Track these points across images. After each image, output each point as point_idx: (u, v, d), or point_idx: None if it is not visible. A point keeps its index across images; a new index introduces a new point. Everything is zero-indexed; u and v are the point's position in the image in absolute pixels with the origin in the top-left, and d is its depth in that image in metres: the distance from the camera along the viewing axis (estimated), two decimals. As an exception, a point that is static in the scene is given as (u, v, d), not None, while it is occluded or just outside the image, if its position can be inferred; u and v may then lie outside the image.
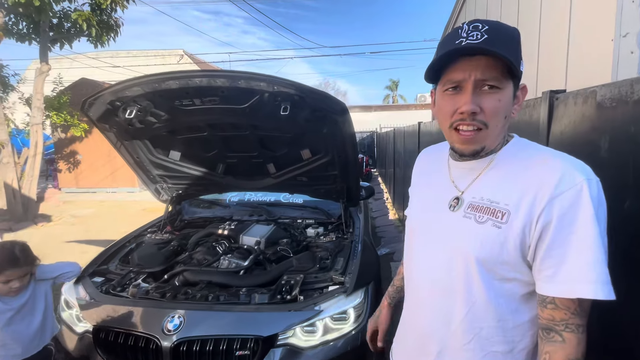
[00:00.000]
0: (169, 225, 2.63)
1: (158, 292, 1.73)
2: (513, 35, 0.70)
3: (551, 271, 0.65)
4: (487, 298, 0.72)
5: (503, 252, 0.69)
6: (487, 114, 0.70)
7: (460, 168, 0.81)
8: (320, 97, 1.76)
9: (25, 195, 6.55)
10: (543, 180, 0.66)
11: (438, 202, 0.82)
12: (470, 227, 0.73)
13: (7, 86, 7.60)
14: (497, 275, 0.71)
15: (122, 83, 1.81)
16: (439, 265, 0.79)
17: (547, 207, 0.65)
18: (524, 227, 0.67)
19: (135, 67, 15.03)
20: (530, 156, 0.72)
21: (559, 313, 0.65)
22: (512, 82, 0.70)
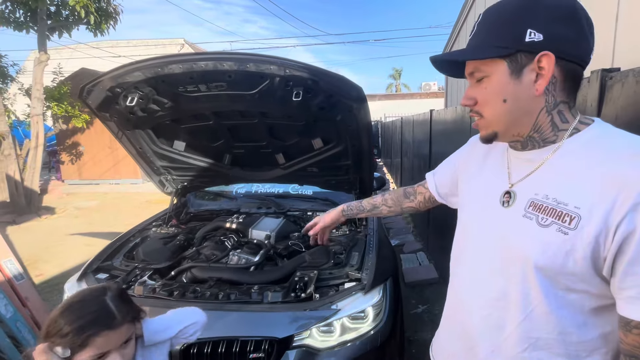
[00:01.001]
0: (174, 219, 2.53)
1: (165, 290, 1.63)
2: (501, 11, 0.64)
3: (636, 290, 0.55)
4: (547, 308, 0.64)
5: (568, 262, 0.60)
6: (479, 104, 0.69)
7: (518, 158, 0.72)
8: (335, 81, 1.64)
9: (27, 187, 6.49)
10: (626, 180, 0.54)
11: (490, 195, 0.75)
12: (530, 229, 0.64)
13: (7, 77, 7.47)
14: (560, 284, 0.62)
15: (122, 67, 1.68)
16: (491, 266, 0.72)
17: (631, 214, 0.53)
18: (598, 236, 0.56)
19: (136, 57, 14.80)
20: (612, 147, 0.60)
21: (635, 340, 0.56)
22: (504, 60, 0.64)
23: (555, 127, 0.65)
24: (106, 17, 6.76)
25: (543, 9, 0.61)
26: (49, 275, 3.80)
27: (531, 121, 0.66)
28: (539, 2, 0.61)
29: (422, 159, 4.25)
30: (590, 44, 0.63)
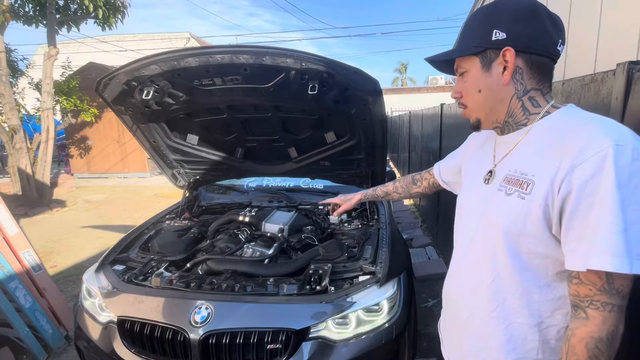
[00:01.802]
0: (187, 212, 2.56)
1: (182, 281, 1.66)
2: (479, 14, 0.75)
3: (573, 245, 0.62)
4: (512, 270, 0.72)
5: (527, 223, 0.68)
6: (463, 96, 0.81)
7: (500, 142, 0.82)
8: (350, 74, 1.63)
9: (39, 180, 6.58)
10: (567, 148, 0.63)
11: (478, 176, 0.86)
12: (499, 199, 0.75)
13: (17, 71, 7.54)
14: (523, 248, 0.70)
15: (138, 61, 1.69)
16: (471, 236, 0.83)
17: (568, 176, 0.61)
18: (546, 197, 0.65)
19: (143, 51, 14.84)
20: (567, 125, 0.68)
21: (583, 289, 0.63)
22: (476, 57, 0.75)
23: (526, 111, 0.75)
24: (114, 11, 6.77)
25: (506, 12, 0.71)
26: (62, 266, 3.86)
27: (505, 107, 0.76)
28: (504, 6, 0.72)
29: (432, 153, 4.22)
30: (553, 37, 0.70)
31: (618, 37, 2.72)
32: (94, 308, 1.72)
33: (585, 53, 1.75)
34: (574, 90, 1.34)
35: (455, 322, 0.89)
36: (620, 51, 2.72)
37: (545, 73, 0.73)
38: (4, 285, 2.12)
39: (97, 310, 1.70)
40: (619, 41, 2.73)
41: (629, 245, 0.56)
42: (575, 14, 2.37)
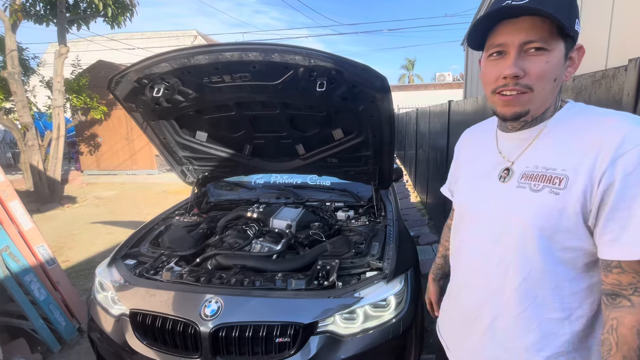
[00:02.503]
0: (195, 208, 2.59)
1: (192, 276, 1.69)
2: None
3: (615, 234, 0.62)
4: (544, 266, 0.70)
5: (562, 219, 0.67)
6: (533, 77, 0.67)
7: (511, 139, 0.79)
8: (359, 71, 1.63)
9: (50, 177, 6.69)
10: (604, 140, 0.63)
11: (487, 176, 0.81)
12: (525, 196, 0.72)
13: (28, 69, 7.66)
14: (557, 244, 0.69)
15: (149, 59, 1.71)
16: (490, 237, 0.78)
17: (610, 168, 0.61)
18: (585, 191, 0.64)
19: (151, 49, 14.96)
20: (588, 118, 0.69)
21: (626, 277, 0.63)
22: (563, 42, 0.66)
23: (555, 105, 0.74)
24: (123, 10, 6.84)
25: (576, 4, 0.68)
26: (74, 261, 3.94)
27: (550, 103, 0.72)
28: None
29: (439, 150, 4.21)
30: None
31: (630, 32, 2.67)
32: (106, 301, 1.76)
33: (596, 49, 1.73)
34: (584, 87, 1.33)
35: (472, 327, 0.85)
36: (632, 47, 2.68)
37: None
38: (20, 278, 2.18)
39: (109, 303, 1.74)
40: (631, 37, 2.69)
41: None
42: (587, 9, 2.33)
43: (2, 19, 5.94)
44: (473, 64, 9.59)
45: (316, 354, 1.44)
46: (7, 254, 2.12)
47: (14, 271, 2.16)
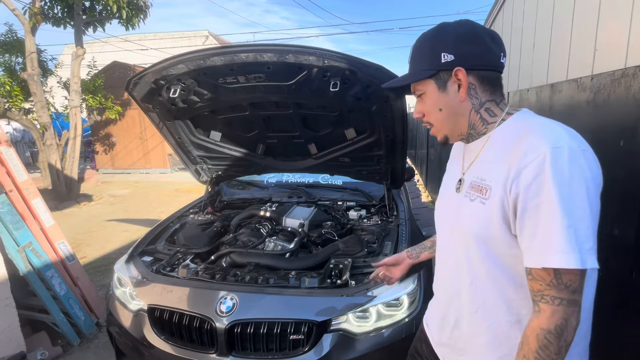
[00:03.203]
0: (209, 206, 2.63)
1: (208, 273, 1.72)
2: (425, 40, 0.80)
3: (526, 242, 0.67)
4: (487, 271, 0.76)
5: (490, 227, 0.72)
6: (426, 116, 0.85)
7: (468, 150, 0.87)
8: (372, 71, 1.63)
9: (68, 175, 6.87)
10: (516, 154, 0.69)
11: (450, 186, 0.90)
12: (467, 205, 0.79)
13: (46, 71, 7.87)
14: (493, 250, 0.74)
15: (166, 61, 1.75)
16: (448, 243, 0.89)
17: (516, 180, 0.67)
18: (502, 202, 0.70)
19: (163, 49, 15.19)
20: (516, 132, 0.74)
21: (535, 284, 0.67)
22: (432, 80, 0.79)
23: (485, 122, 0.80)
24: (137, 11, 6.96)
25: (450, 36, 0.77)
26: (91, 257, 4.05)
27: (466, 121, 0.81)
28: (447, 31, 0.78)
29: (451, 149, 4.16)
30: (495, 52, 0.77)
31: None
32: (125, 296, 1.81)
33: (615, 47, 1.70)
34: (603, 86, 1.31)
35: (444, 323, 0.93)
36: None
37: (495, 85, 0.79)
38: (42, 273, 2.26)
39: (127, 298, 1.79)
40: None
41: (578, 241, 0.61)
42: (605, 7, 2.25)
43: (22, 22, 6.12)
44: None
45: (329, 352, 1.45)
46: (30, 249, 2.20)
47: (36, 267, 2.24)
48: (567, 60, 2.37)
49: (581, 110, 1.46)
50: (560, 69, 2.53)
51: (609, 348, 1.29)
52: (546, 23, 2.99)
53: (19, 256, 2.16)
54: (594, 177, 0.64)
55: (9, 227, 2.12)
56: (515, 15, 5.49)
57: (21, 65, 7.46)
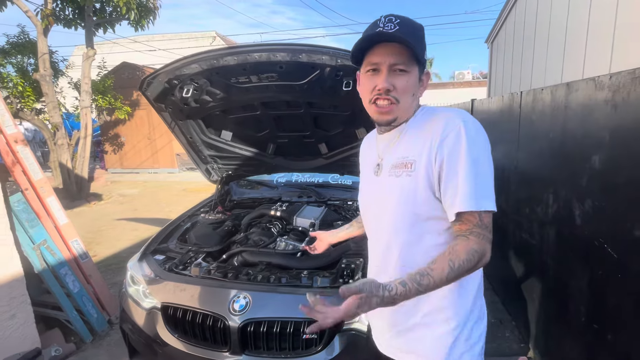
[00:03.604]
0: (219, 206, 2.65)
1: (220, 272, 1.73)
2: (420, 29, 0.87)
3: (451, 196, 0.80)
4: (414, 238, 0.88)
5: (417, 194, 0.85)
6: (399, 91, 0.86)
7: (383, 140, 0.97)
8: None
9: (78, 175, 6.96)
10: (434, 130, 0.83)
11: (369, 173, 1.01)
12: (392, 182, 0.90)
13: (58, 71, 7.99)
14: (419, 216, 0.86)
15: (179, 61, 1.77)
16: (376, 224, 0.99)
17: (439, 149, 0.81)
18: (427, 169, 0.83)
19: (171, 50, 15.33)
20: (429, 117, 0.89)
21: (463, 226, 0.80)
22: (417, 67, 0.86)
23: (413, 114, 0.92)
24: (146, 13, 7.03)
25: (424, 36, 0.88)
26: (102, 256, 4.10)
27: (410, 113, 0.91)
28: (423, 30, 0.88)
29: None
30: None
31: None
32: (138, 294, 1.83)
33: (633, 45, 1.67)
34: (622, 84, 1.29)
35: None
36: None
37: None
38: (56, 271, 2.29)
39: (141, 296, 1.81)
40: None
41: (490, 190, 0.80)
42: (624, 5, 2.23)
43: (34, 23, 6.21)
44: (497, 62, 9.35)
45: (341, 352, 1.45)
46: (45, 247, 2.23)
47: (50, 264, 2.27)
48: (582, 59, 2.34)
49: (599, 109, 1.43)
50: (575, 68, 2.50)
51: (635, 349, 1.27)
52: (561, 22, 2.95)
53: (34, 254, 2.19)
54: (489, 144, 0.83)
55: (24, 225, 2.16)
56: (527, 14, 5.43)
57: (33, 66, 7.58)
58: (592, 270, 1.51)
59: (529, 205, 2.18)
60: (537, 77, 5.66)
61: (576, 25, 3.99)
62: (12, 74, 7.21)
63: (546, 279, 1.95)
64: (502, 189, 2.59)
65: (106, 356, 2.33)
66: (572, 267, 1.66)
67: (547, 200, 1.91)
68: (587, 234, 1.52)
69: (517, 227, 2.38)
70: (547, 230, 1.92)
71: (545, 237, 1.94)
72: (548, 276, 1.92)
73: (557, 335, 1.86)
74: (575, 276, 1.63)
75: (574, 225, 1.62)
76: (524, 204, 2.26)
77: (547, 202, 1.90)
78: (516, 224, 2.39)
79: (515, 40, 7.42)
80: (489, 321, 0.97)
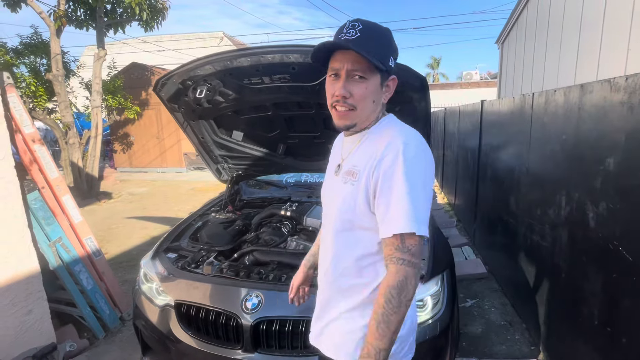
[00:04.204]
0: (229, 205, 2.67)
1: (232, 270, 1.75)
2: (383, 36, 0.85)
3: (381, 217, 0.81)
4: (347, 244, 0.91)
5: (356, 204, 0.86)
6: (356, 98, 0.85)
7: (347, 142, 0.98)
8: (398, 71, 1.63)
9: (89, 173, 7.07)
10: (378, 147, 0.84)
11: (331, 171, 1.03)
12: (341, 187, 0.92)
13: (69, 72, 8.11)
14: (355, 224, 0.89)
15: (194, 62, 1.79)
16: (325, 217, 1.02)
17: (377, 167, 0.82)
18: (366, 183, 0.84)
19: (180, 51, 15.48)
20: (383, 130, 0.89)
21: (387, 250, 0.81)
22: (379, 74, 0.85)
23: (377, 119, 0.92)
24: (156, 13, 7.12)
25: (394, 44, 0.87)
26: (112, 254, 4.16)
27: (373, 118, 0.91)
28: (393, 38, 0.87)
29: (470, 150, 4.12)
30: None
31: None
32: (151, 292, 1.86)
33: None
34: (639, 86, 1.28)
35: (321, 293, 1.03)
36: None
37: None
38: (70, 268, 2.33)
39: (154, 293, 1.84)
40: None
41: (417, 214, 0.77)
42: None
43: (47, 24, 6.32)
44: (508, 63, 9.27)
45: (353, 351, 1.46)
46: (60, 244, 2.28)
47: (65, 261, 2.31)
48: (597, 59, 2.32)
49: (614, 111, 1.42)
50: (590, 69, 2.47)
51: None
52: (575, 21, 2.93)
53: (50, 250, 2.24)
54: (428, 168, 0.83)
55: (41, 222, 2.20)
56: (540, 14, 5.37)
57: (45, 67, 7.71)
58: (606, 273, 1.50)
59: (540, 207, 2.17)
60: (549, 78, 5.60)
61: (590, 26, 3.95)
62: (25, 74, 7.35)
63: (558, 281, 1.94)
64: (511, 191, 2.58)
65: (118, 352, 2.37)
66: (585, 269, 1.65)
67: (559, 202, 1.90)
68: (601, 236, 1.51)
69: (527, 229, 2.37)
70: (559, 232, 1.91)
71: (557, 240, 1.93)
72: (560, 278, 1.91)
73: (569, 338, 1.84)
74: (588, 278, 1.62)
75: (588, 228, 1.61)
76: (535, 206, 2.25)
77: (560, 204, 1.89)
78: (527, 226, 2.38)
79: (527, 40, 7.36)
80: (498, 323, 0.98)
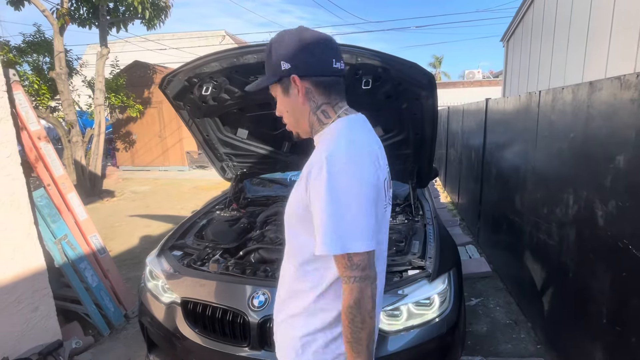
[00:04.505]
0: (234, 203, 2.67)
1: (238, 268, 1.75)
2: (270, 49, 0.88)
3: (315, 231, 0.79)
4: (293, 248, 0.91)
5: (299, 210, 0.85)
6: (282, 115, 0.94)
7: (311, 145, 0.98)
8: (406, 69, 1.63)
9: (92, 172, 7.08)
10: (312, 158, 0.84)
11: None
12: (293, 190, 0.91)
13: (72, 70, 8.12)
14: (299, 230, 0.88)
15: (200, 59, 1.79)
16: None
17: (307, 178, 0.81)
18: (303, 192, 0.83)
19: (182, 49, 15.46)
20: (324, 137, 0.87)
21: (338, 268, 0.79)
22: (278, 85, 0.88)
23: (321, 122, 0.90)
24: (158, 12, 7.11)
25: (286, 45, 0.85)
26: (116, 252, 4.16)
27: (306, 122, 0.91)
28: (284, 40, 0.85)
29: (474, 149, 4.10)
30: (327, 59, 0.85)
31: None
32: (157, 289, 1.86)
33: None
34: (651, 83, 1.27)
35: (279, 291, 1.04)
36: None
37: (331, 89, 0.88)
38: (76, 265, 2.34)
39: (160, 291, 1.84)
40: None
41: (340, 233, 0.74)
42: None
43: (51, 22, 6.33)
44: (513, 62, 9.22)
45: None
46: (66, 242, 2.28)
47: (71, 258, 2.32)
48: (605, 57, 2.30)
49: (625, 108, 1.41)
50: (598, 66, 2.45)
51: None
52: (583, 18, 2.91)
53: (55, 248, 2.24)
54: (360, 179, 0.77)
55: (47, 219, 2.21)
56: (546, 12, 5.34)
57: (48, 65, 7.72)
58: (615, 271, 1.49)
59: (547, 206, 2.16)
60: (556, 76, 5.57)
61: (598, 23, 3.92)
62: (28, 72, 7.36)
63: (565, 280, 1.93)
64: (517, 189, 2.57)
65: (123, 349, 2.38)
66: (593, 268, 1.64)
67: (567, 200, 1.88)
68: (610, 234, 1.50)
69: (533, 228, 2.36)
70: (566, 231, 1.90)
71: (564, 238, 1.92)
72: (567, 277, 1.90)
73: (576, 337, 1.83)
74: (597, 277, 1.61)
75: (596, 226, 1.60)
76: (542, 205, 2.24)
77: (567, 203, 1.88)
78: (533, 224, 2.37)
79: (533, 38, 7.31)
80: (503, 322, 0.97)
